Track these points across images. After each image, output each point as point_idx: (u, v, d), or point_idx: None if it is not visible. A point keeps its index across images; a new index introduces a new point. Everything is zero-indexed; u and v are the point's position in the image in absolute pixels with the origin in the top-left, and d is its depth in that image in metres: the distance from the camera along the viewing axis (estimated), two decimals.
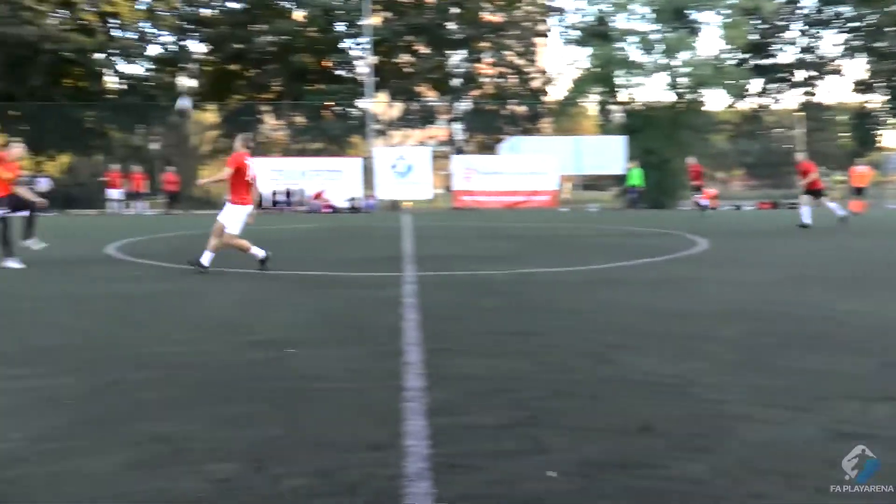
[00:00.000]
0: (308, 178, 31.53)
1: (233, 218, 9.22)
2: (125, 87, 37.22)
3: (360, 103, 37.78)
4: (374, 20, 36.68)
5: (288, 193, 31.29)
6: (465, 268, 9.73)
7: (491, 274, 9.13)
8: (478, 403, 3.82)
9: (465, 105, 39.71)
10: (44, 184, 32.95)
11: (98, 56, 35.05)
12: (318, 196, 30.97)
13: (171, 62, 38.12)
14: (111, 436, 3.41)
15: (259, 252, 9.24)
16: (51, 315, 6.65)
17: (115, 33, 36.24)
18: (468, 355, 4.85)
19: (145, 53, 37.27)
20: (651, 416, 3.59)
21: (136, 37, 36.56)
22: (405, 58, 39.72)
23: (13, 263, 9.97)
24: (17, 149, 10.63)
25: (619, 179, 31.06)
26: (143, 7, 36.36)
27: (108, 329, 5.97)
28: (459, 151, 37.63)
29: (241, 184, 9.18)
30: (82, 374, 4.49)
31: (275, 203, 31.12)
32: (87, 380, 4.36)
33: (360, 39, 37.65)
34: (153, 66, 37.60)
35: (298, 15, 37.96)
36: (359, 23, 36.06)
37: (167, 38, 38.07)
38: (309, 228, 19.41)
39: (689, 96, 36.27)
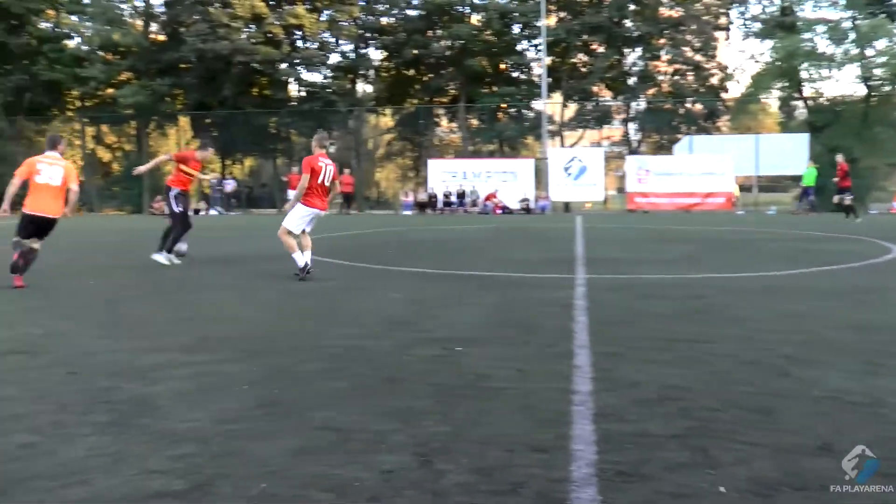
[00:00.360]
0: (481, 180, 31.92)
1: (294, 216, 8.97)
2: (306, 94, 39.28)
3: (535, 104, 37.79)
4: (550, 21, 36.55)
5: (461, 194, 31.83)
6: (637, 271, 9.50)
7: (663, 278, 8.86)
8: (646, 411, 3.72)
9: (640, 104, 38.73)
10: (230, 185, 35.63)
11: (283, 66, 37.23)
12: (490, 197, 31.28)
13: (351, 69, 39.82)
14: (282, 421, 3.60)
15: (300, 260, 8.83)
16: (228, 307, 7.11)
17: (299, 44, 38.34)
18: (637, 361, 4.74)
19: (326, 62, 39.14)
20: (832, 435, 3.35)
21: (317, 47, 38.47)
22: (580, 57, 39.30)
23: (161, 258, 10.48)
24: (207, 152, 11.38)
25: (799, 180, 29.17)
26: (325, 19, 38.21)
27: (281, 321, 6.31)
28: (633, 152, 36.76)
29: (313, 186, 8.87)
30: (256, 362, 4.77)
31: (448, 204, 31.76)
32: (261, 368, 4.62)
33: (535, 41, 37.66)
34: (333, 74, 39.43)
35: (475, 19, 38.50)
36: (535, 24, 36.05)
37: (347, 46, 39.82)
38: (481, 229, 19.64)
39: (885, 89, 33.42)
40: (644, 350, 5.06)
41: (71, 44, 39.00)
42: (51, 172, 8.64)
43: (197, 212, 28.47)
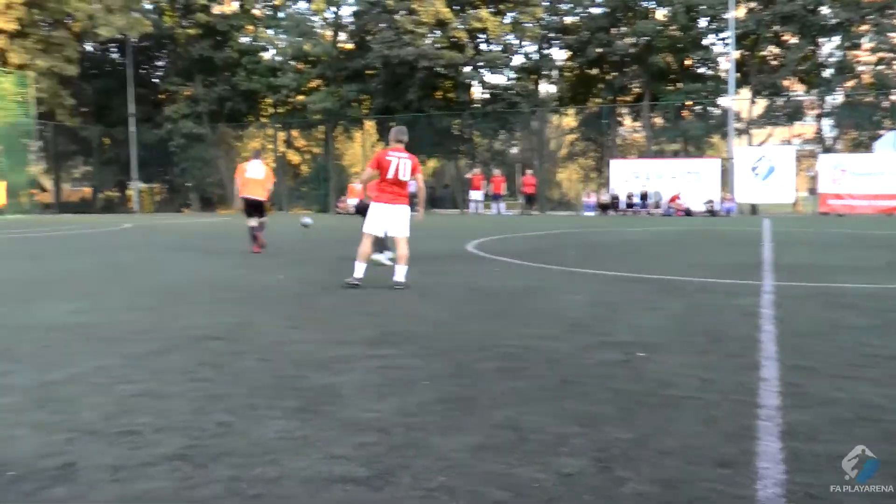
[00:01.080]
0: (665, 181, 30.94)
1: (368, 216, 8.48)
2: (489, 95, 39.72)
3: (721, 101, 36.10)
4: (739, 12, 34.78)
5: (643, 196, 31.01)
6: (830, 279, 8.82)
7: (860, 288, 8.16)
8: (841, 431, 3.40)
9: (836, 98, 35.92)
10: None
11: (466, 69, 37.87)
12: (674, 199, 30.24)
13: (534, 70, 39.84)
14: (462, 417, 3.61)
15: (359, 271, 8.25)
16: (410, 304, 7.28)
17: (483, 47, 38.82)
18: (830, 376, 4.36)
19: (509, 64, 39.38)
20: None
21: (501, 49, 38.79)
22: (771, 49, 37.05)
23: (381, 258, 10.69)
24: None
25: None
26: (509, 21, 38.44)
27: (461, 319, 6.37)
28: (828, 150, 34.20)
29: (381, 181, 8.32)
30: (437, 358, 4.83)
31: (630, 205, 31.05)
32: (441, 364, 4.68)
33: (722, 34, 35.96)
34: (516, 75, 39.61)
35: (660, 14, 37.34)
36: (722, 16, 34.45)
37: (530, 47, 39.85)
38: (663, 232, 19.03)
39: None
40: (839, 365, 4.65)
41: (266, 55, 41.91)
42: (255, 169, 13.21)
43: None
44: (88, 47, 42.08)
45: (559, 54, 40.63)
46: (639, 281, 8.79)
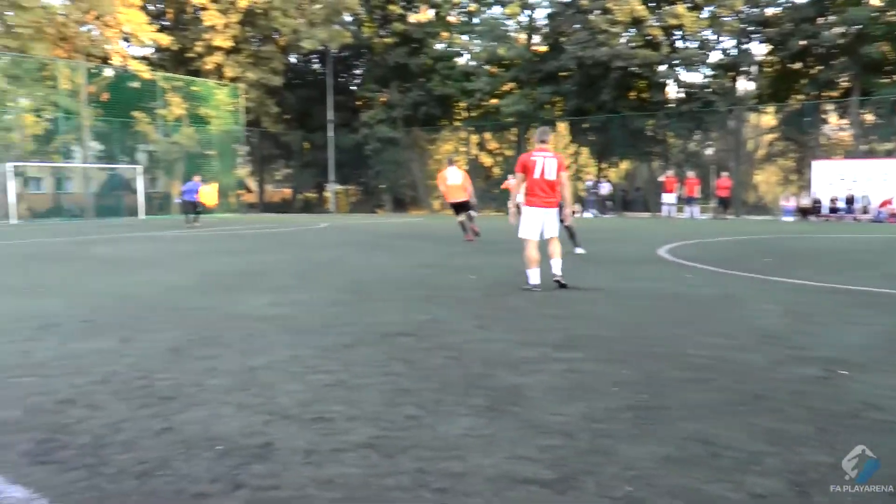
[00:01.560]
0: (875, 183, 28.56)
1: (523, 222, 8.46)
2: (684, 94, 38.38)
3: None
4: None
5: (849, 200, 28.81)
6: None
7: None
8: None
9: None
10: (605, 188, 36.17)
11: (661, 68, 36.82)
12: (885, 203, 27.84)
13: (731, 66, 38.05)
14: (650, 426, 3.57)
15: (534, 278, 8.27)
16: (597, 307, 7.23)
17: (679, 44, 37.59)
18: None
19: (706, 61, 37.86)
20: None
21: (697, 45, 37.38)
22: None
23: (581, 250, 12.13)
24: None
25: None
26: (706, 16, 36.96)
27: (649, 325, 6.25)
28: None
29: (530, 183, 8.31)
30: (624, 364, 4.79)
31: (833, 210, 28.97)
32: (629, 370, 4.63)
33: None
34: (713, 73, 38.01)
35: (874, 0, 34.46)
36: None
37: (728, 43, 38.13)
38: (872, 239, 17.59)
39: None
40: None
41: (461, 61, 43.00)
42: (454, 176, 15.52)
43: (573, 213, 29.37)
44: (292, 59, 45.09)
45: (759, 48, 38.54)
46: (841, 292, 8.22)
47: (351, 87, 46.72)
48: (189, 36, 38.81)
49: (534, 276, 8.31)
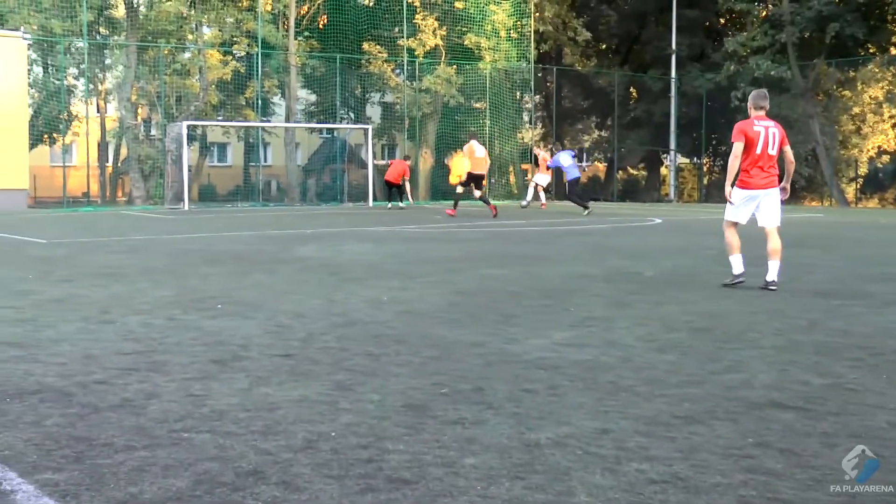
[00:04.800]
0: None
1: (732, 202, 7.57)
2: None
3: None
4: None
5: None
6: None
7: None
8: None
9: None
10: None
11: None
12: None
13: None
14: None
15: (737, 266, 7.33)
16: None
17: None
18: None
19: None
20: None
21: None
22: None
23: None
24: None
25: None
26: None
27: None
28: None
29: (747, 159, 7.22)
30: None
31: None
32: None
33: None
34: None
35: None
36: None
37: None
38: None
39: None
40: None
41: None
42: (480, 149, 17.72)
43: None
44: None
45: None
46: None
47: None
48: None
49: (736, 265, 7.47)
